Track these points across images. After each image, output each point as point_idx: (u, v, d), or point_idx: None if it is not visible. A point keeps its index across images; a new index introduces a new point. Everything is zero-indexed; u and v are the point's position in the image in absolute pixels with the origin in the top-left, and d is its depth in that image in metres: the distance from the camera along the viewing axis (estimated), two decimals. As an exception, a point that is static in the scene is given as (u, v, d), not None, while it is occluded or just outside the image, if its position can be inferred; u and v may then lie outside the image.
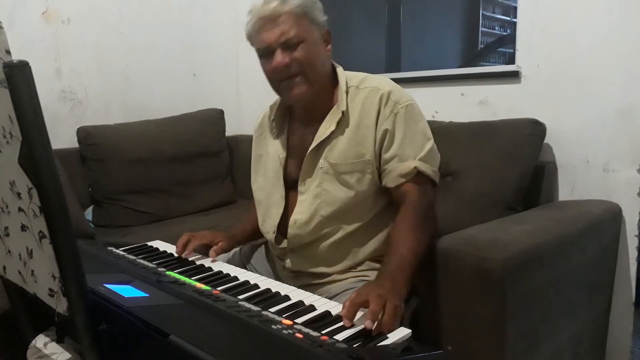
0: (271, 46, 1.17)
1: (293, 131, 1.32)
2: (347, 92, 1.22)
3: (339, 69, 1.27)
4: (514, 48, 1.80)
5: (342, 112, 1.20)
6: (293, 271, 1.28)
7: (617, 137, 1.58)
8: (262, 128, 1.41)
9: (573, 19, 1.64)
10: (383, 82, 1.23)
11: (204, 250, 1.31)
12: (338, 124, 1.21)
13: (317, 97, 1.22)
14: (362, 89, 1.22)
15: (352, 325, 0.87)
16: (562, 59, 1.68)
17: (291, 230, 1.25)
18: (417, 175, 1.16)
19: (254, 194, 1.41)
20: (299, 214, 1.24)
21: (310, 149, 1.23)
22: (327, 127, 1.22)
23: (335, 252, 1.23)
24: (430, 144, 1.20)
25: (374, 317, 0.87)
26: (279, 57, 1.16)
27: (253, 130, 1.46)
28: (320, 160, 1.22)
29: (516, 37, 1.78)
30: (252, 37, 1.21)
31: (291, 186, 1.29)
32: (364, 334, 0.84)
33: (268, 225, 1.32)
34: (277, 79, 1.20)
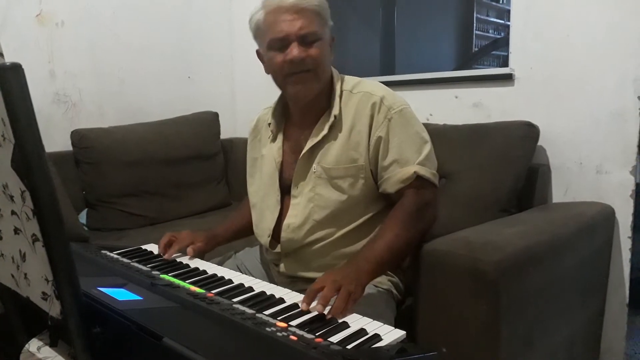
0: (289, 37, 1.15)
1: (288, 135, 1.32)
2: (340, 96, 1.23)
3: (335, 72, 1.27)
4: (507, 51, 1.81)
5: (335, 116, 1.20)
6: (288, 276, 1.28)
7: (610, 139, 1.59)
8: (257, 131, 1.41)
9: (566, 21, 1.65)
10: (376, 87, 1.23)
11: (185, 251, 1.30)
12: (330, 128, 1.21)
13: (317, 98, 1.22)
14: (355, 93, 1.23)
15: (309, 311, 0.91)
16: (555, 62, 1.69)
17: (284, 234, 1.24)
18: (417, 180, 1.16)
19: (249, 197, 1.41)
20: (292, 218, 1.24)
21: (302, 153, 1.23)
22: (319, 131, 1.22)
23: (328, 256, 1.22)
24: (428, 147, 1.20)
25: (324, 302, 0.92)
26: (296, 51, 1.15)
27: (248, 133, 1.46)
28: (314, 165, 1.22)
29: (510, 40, 1.79)
30: (265, 27, 1.18)
31: (285, 190, 1.28)
32: (358, 335, 0.84)
33: (262, 229, 1.32)
34: (289, 72, 1.18)
